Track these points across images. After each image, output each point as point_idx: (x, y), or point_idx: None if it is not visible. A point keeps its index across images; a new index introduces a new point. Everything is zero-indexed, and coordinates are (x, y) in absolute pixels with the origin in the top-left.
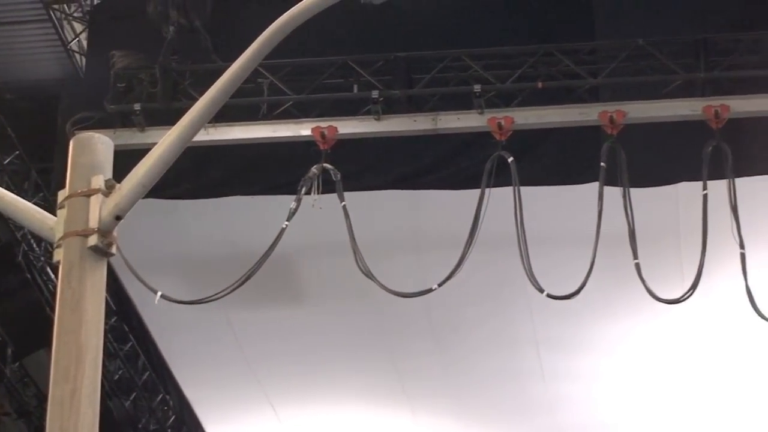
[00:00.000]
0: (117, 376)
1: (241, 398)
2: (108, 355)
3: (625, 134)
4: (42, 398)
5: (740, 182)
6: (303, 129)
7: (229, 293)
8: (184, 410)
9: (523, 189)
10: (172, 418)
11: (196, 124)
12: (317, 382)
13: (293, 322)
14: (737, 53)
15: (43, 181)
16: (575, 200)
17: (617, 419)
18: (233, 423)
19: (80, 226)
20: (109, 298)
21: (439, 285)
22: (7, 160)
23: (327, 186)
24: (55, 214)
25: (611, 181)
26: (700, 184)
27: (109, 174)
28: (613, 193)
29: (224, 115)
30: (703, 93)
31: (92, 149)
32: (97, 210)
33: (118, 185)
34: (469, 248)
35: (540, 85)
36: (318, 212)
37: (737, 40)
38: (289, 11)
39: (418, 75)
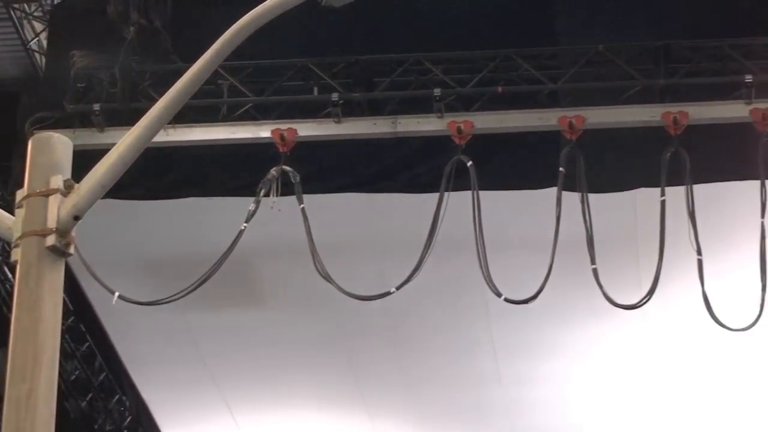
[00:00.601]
0: (74, 377)
1: (199, 400)
2: (65, 355)
3: (584, 140)
4: None
5: (698, 189)
6: (262, 131)
7: (186, 294)
8: (140, 411)
9: (482, 193)
10: (129, 419)
11: (155, 125)
12: (275, 385)
13: (251, 324)
14: (697, 60)
15: (1, 181)
16: (534, 205)
17: (576, 422)
18: (190, 425)
19: (38, 226)
20: (66, 299)
21: (397, 288)
22: None
23: (286, 188)
24: (13, 214)
25: (570, 186)
26: (658, 190)
27: (68, 174)
28: (572, 198)
29: (184, 116)
30: (662, 99)
31: (51, 149)
32: (56, 210)
33: (76, 185)
34: (427, 252)
35: (500, 89)
36: (277, 214)
37: (697, 47)
38: (250, 13)
39: (379, 78)
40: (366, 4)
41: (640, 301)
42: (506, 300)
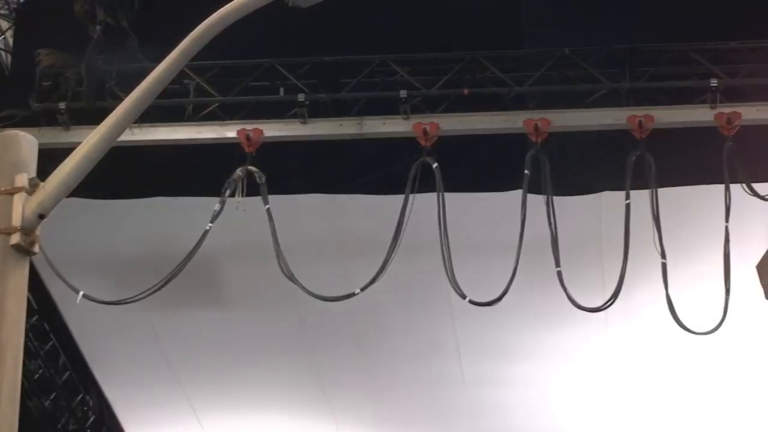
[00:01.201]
0: (37, 376)
1: (162, 401)
2: (28, 354)
3: (550, 142)
4: None
5: (663, 192)
6: (228, 131)
7: (150, 294)
8: (104, 411)
9: (448, 195)
10: (92, 419)
11: (121, 124)
12: (239, 385)
13: (216, 324)
14: (662, 64)
15: None
16: (500, 207)
17: (539, 423)
18: (154, 425)
19: (3, 225)
20: (30, 297)
21: (362, 289)
22: None
23: (252, 189)
24: None
25: (536, 189)
26: (623, 193)
27: (33, 172)
28: (537, 201)
29: (150, 115)
30: (627, 103)
31: (16, 147)
32: (20, 208)
33: (42, 184)
34: (392, 253)
35: (466, 91)
36: (243, 215)
37: (663, 51)
38: (216, 13)
39: (345, 79)
40: (333, 4)
41: (604, 304)
42: (471, 302)
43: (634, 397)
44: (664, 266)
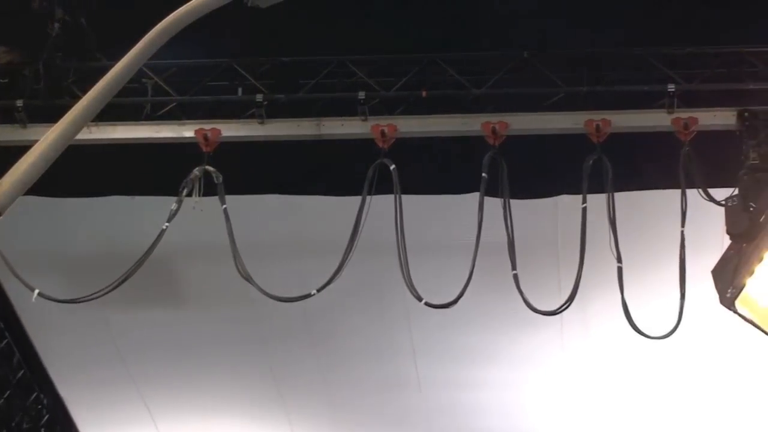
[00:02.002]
0: None
1: (118, 401)
2: None
3: (507, 145)
4: None
5: (620, 197)
6: (186, 131)
7: (105, 293)
8: (58, 410)
9: (405, 197)
10: (46, 418)
11: (78, 122)
12: (194, 386)
13: (172, 324)
14: (620, 69)
15: None
16: (457, 210)
17: (494, 426)
18: (108, 425)
19: None
20: None
21: (318, 290)
22: None
23: (209, 188)
24: None
25: (493, 191)
26: (580, 197)
27: None
28: (495, 203)
29: (107, 114)
30: (585, 107)
31: None
32: None
33: None
34: (348, 255)
35: (424, 93)
36: (200, 215)
37: (621, 56)
38: (176, 12)
39: (304, 80)
40: (292, 5)
41: (560, 307)
42: (426, 304)
43: (591, 400)
44: (619, 270)
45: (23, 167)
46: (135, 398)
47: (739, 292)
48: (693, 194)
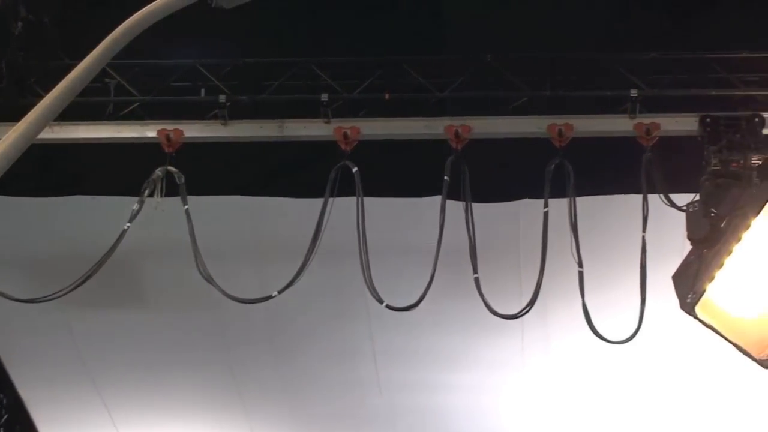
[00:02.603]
0: None
1: (77, 401)
2: None
3: (470, 149)
4: None
5: (582, 201)
6: (149, 131)
7: (65, 294)
8: (18, 410)
9: (367, 200)
10: (5, 417)
11: (41, 122)
12: (154, 387)
13: (133, 325)
14: (584, 73)
15: None
16: (419, 213)
17: (455, 429)
18: (68, 425)
19: None
20: None
21: (279, 292)
22: None
23: (172, 189)
24: None
25: (455, 195)
26: (541, 201)
27: None
28: (457, 207)
29: (70, 113)
30: (548, 111)
31: None
32: None
33: None
34: (310, 257)
35: (387, 96)
36: (162, 215)
37: (584, 61)
38: (139, 12)
39: (267, 82)
40: (256, 6)
41: (521, 311)
42: (388, 307)
43: (551, 403)
44: (580, 275)
45: None
46: (95, 399)
47: (700, 298)
48: (655, 199)
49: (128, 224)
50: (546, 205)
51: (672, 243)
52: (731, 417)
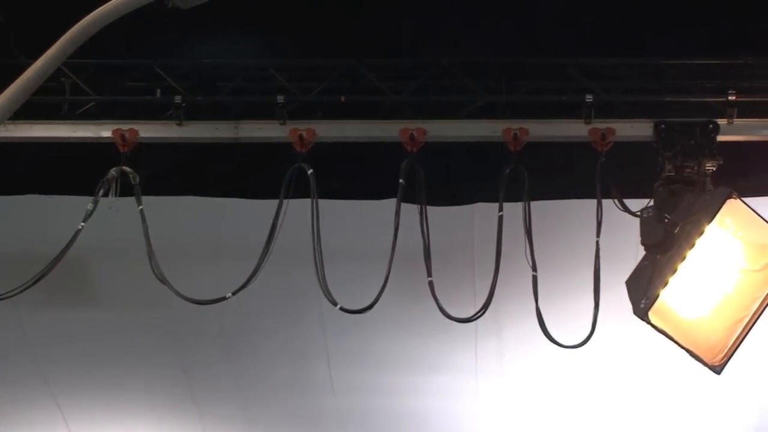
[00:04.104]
0: None
1: (29, 401)
2: None
3: (425, 152)
4: None
5: (537, 205)
6: (104, 130)
7: (18, 293)
8: None
9: (322, 202)
10: None
11: None
12: (107, 389)
13: (86, 325)
14: (539, 78)
15: None
16: (374, 215)
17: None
18: (19, 424)
19: None
20: None
21: (233, 293)
22: None
23: (127, 189)
24: None
25: (410, 198)
26: (496, 205)
27: None
28: (412, 210)
29: (24, 112)
30: (504, 115)
31: None
32: None
33: None
34: (264, 258)
35: (342, 99)
36: (117, 215)
37: (540, 65)
38: (94, 12)
39: (223, 83)
40: (212, 7)
41: (474, 314)
42: (341, 309)
43: (503, 407)
44: (534, 279)
45: None
46: (47, 398)
47: (653, 303)
48: (609, 205)
49: (82, 224)
50: (500, 209)
51: (626, 248)
52: (684, 420)
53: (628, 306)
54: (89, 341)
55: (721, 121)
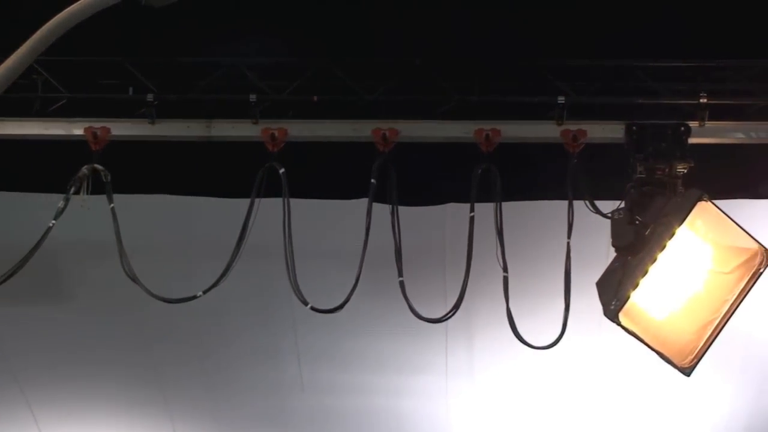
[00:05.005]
0: None
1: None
2: None
3: (398, 152)
4: None
5: (508, 206)
6: (75, 128)
7: None
8: None
9: (294, 201)
10: None
11: None
12: (78, 388)
13: (57, 325)
14: (512, 79)
15: None
16: (346, 215)
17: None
18: None
19: None
20: None
21: (204, 292)
22: None
23: (99, 187)
24: None
25: (382, 198)
26: (468, 205)
27: None
28: (383, 210)
29: None
30: (476, 116)
31: None
32: None
33: None
34: (235, 257)
35: (314, 98)
36: (89, 213)
37: (512, 66)
38: (67, 10)
39: (196, 81)
40: (185, 6)
41: (445, 315)
42: (312, 308)
43: (473, 407)
44: (505, 280)
45: None
46: (17, 396)
47: (623, 305)
48: (581, 206)
49: (53, 221)
50: (472, 209)
51: (597, 249)
52: (651, 420)
53: (599, 307)
54: (60, 339)
55: (693, 124)
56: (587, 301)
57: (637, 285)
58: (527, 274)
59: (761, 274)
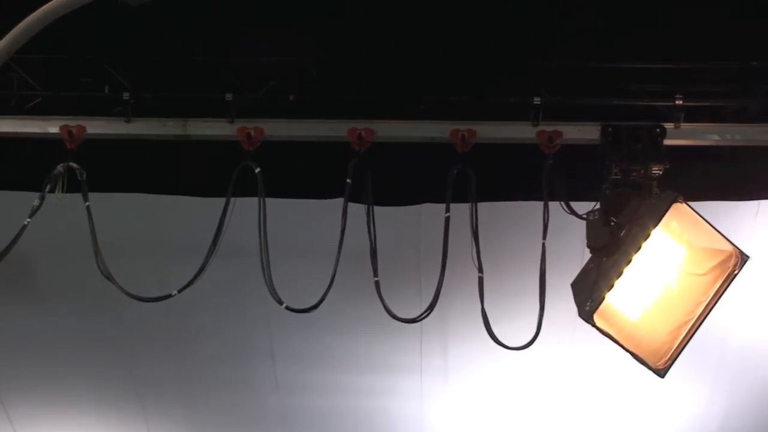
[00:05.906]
0: None
1: None
2: None
3: (373, 152)
4: None
5: (483, 207)
6: (51, 126)
7: None
8: None
9: (270, 200)
10: None
11: None
12: (52, 386)
13: (31, 323)
14: (489, 79)
15: None
16: (321, 215)
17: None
18: None
19: None
20: None
21: (179, 291)
22: None
23: (74, 185)
24: None
25: (357, 197)
26: (443, 206)
27: None
28: (359, 210)
29: None
30: (453, 116)
31: None
32: None
33: None
34: (210, 256)
35: (291, 98)
36: (63, 211)
37: (489, 66)
38: (44, 7)
39: (172, 80)
40: (162, 4)
41: (420, 315)
42: (287, 308)
43: (447, 407)
44: (480, 280)
45: None
46: None
47: (598, 306)
48: (556, 207)
49: (28, 219)
50: (447, 210)
51: (572, 250)
52: (625, 421)
53: (574, 308)
54: (33, 339)
55: (669, 125)
56: (562, 302)
57: (612, 286)
58: (502, 275)
59: (736, 275)
